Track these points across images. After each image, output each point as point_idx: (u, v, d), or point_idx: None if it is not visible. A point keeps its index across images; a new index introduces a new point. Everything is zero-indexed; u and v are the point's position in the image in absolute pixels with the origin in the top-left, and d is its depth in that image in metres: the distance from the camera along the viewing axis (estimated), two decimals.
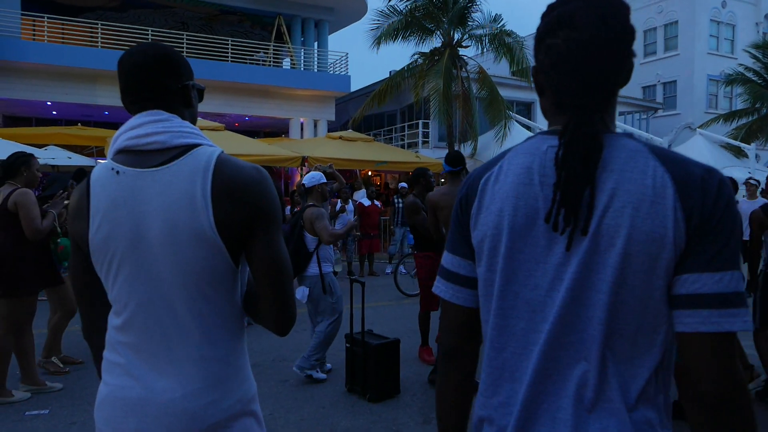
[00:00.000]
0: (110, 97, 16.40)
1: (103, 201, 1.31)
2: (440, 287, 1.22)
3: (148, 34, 17.19)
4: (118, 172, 1.32)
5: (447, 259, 1.21)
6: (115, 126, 18.30)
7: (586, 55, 1.00)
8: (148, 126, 1.33)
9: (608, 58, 1.01)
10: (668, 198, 0.93)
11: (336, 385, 4.72)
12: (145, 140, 1.32)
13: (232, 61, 18.22)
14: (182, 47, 17.45)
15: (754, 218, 4.43)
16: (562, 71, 1.03)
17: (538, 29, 1.08)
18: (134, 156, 1.33)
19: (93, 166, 14.03)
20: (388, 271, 11.28)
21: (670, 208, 0.93)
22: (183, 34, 17.72)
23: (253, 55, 19.77)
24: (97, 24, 16.84)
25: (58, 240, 5.14)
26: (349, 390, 4.47)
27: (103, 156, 13.51)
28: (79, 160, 12.02)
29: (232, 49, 18.30)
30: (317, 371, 4.77)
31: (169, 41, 17.34)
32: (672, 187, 0.94)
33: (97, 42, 16.75)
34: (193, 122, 1.45)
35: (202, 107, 17.39)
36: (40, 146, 11.67)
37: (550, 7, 1.09)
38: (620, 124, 19.49)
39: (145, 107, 1.37)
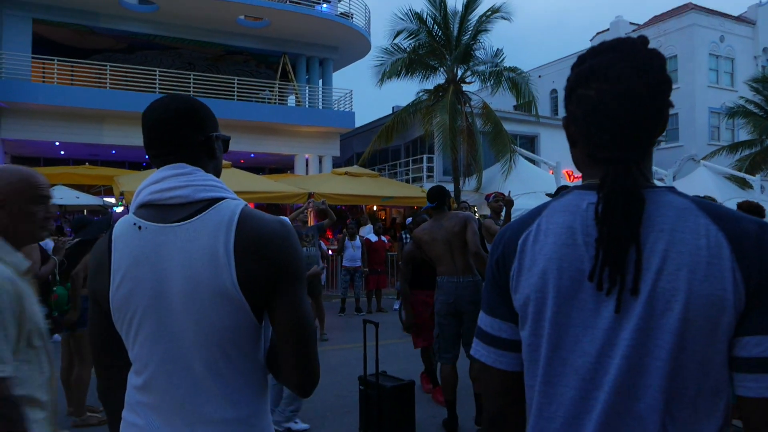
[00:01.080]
0: (117, 136, 16.55)
1: (125, 257, 1.28)
2: (481, 351, 1.15)
3: (155, 75, 17.45)
4: (140, 228, 1.29)
5: (486, 321, 1.15)
6: (121, 165, 18.51)
7: (621, 108, 0.98)
8: (171, 180, 1.30)
9: (644, 111, 0.98)
10: (725, 259, 0.90)
11: (351, 427, 4.59)
12: (167, 195, 1.29)
13: (238, 99, 18.46)
14: (189, 87, 17.69)
15: None
16: (596, 123, 1.01)
17: (569, 80, 1.07)
18: (157, 211, 1.30)
19: (101, 206, 14.14)
20: (396, 306, 11.15)
21: (728, 270, 0.89)
22: (190, 74, 17.99)
23: (258, 94, 20.03)
24: (105, 65, 17.13)
25: (54, 288, 4.99)
26: None
27: (111, 194, 13.55)
28: (86, 199, 12.07)
29: (238, 87, 18.55)
30: (296, 422, 4.54)
31: (176, 81, 17.61)
32: (728, 247, 0.90)
33: (105, 83, 17.00)
34: (218, 174, 1.42)
35: None
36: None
37: (581, 58, 1.08)
38: None
39: (168, 161, 1.35)
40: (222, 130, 1.47)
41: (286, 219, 1.38)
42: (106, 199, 13.58)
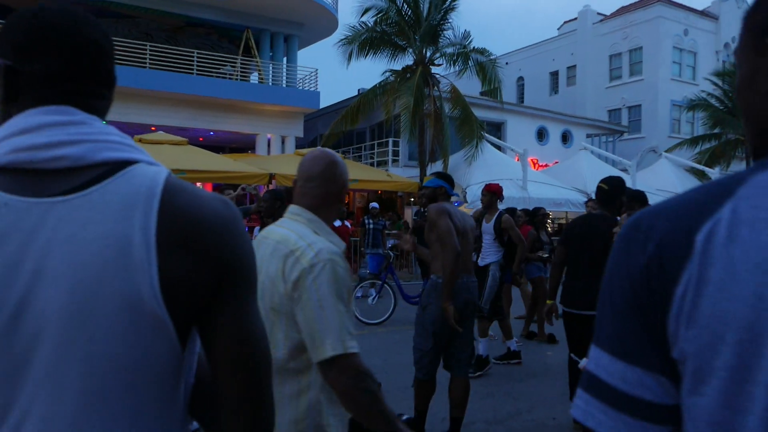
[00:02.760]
0: None
1: None
2: (600, 417, 0.72)
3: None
4: None
5: (611, 369, 0.72)
6: None
7: None
8: (52, 130, 0.84)
9: None
10: None
11: None
12: (47, 153, 0.83)
13: (197, 74, 17.67)
14: (145, 59, 16.82)
15: None
16: None
17: (757, 20, 0.71)
18: (25, 178, 0.83)
19: None
20: (359, 295, 10.84)
21: None
22: (146, 45, 17.10)
23: (219, 69, 19.24)
24: None
25: None
26: None
27: None
28: None
29: (198, 61, 17.75)
30: None
31: (131, 52, 16.71)
32: None
33: None
34: None
35: (164, 121, 16.83)
36: None
37: None
38: (587, 146, 19.66)
39: (48, 99, 0.87)
40: (180, 106, 1.04)
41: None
42: None
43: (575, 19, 31.10)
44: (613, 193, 4.22)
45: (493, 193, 6.23)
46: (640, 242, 0.70)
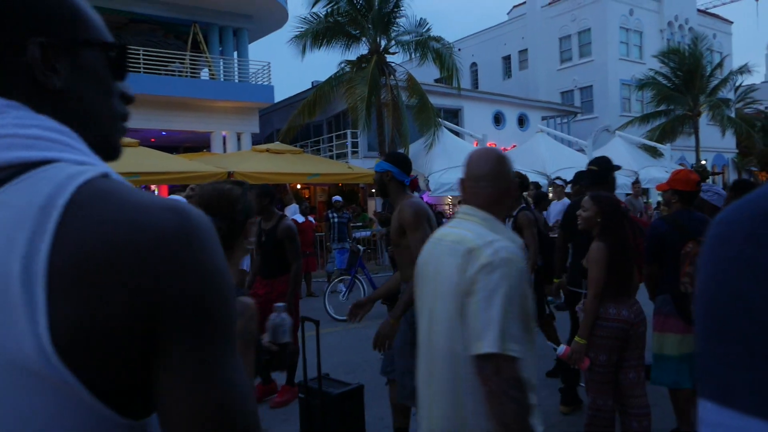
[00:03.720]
0: None
1: None
2: None
3: None
4: None
5: (735, 426, 0.48)
6: None
7: None
8: None
9: None
10: None
11: None
12: None
13: (144, 72, 17.03)
14: None
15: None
16: None
17: None
18: None
19: None
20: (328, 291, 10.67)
21: None
22: None
23: (168, 66, 18.61)
24: None
25: None
26: None
27: None
28: None
29: (144, 59, 17.11)
30: None
31: None
32: None
33: None
34: (80, 127, 0.72)
35: None
36: None
37: None
38: (543, 128, 19.89)
39: None
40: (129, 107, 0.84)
41: (183, 200, 0.71)
42: None
43: (524, 3, 31.38)
44: (603, 173, 4.29)
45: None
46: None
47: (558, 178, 9.70)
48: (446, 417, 1.67)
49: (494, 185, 1.72)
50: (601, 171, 4.29)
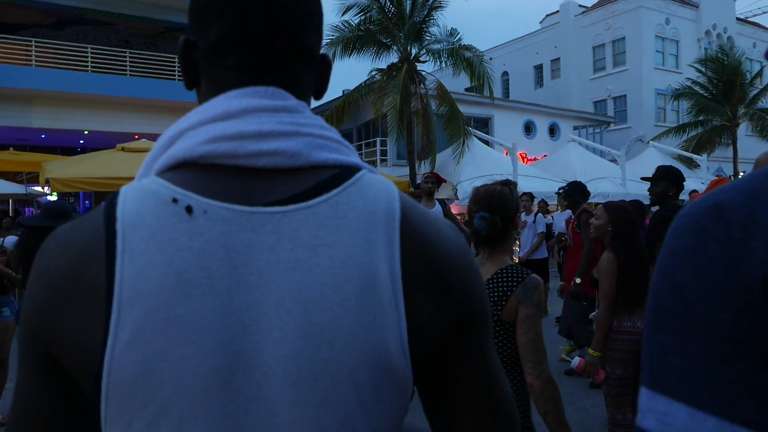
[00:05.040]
0: (46, 119, 15.30)
1: (153, 276, 0.57)
2: None
3: (87, 52, 16.20)
4: (190, 210, 0.59)
5: (694, 426, 0.47)
6: (53, 150, 17.14)
7: None
8: (262, 117, 0.64)
9: None
10: None
11: None
12: (256, 146, 0.62)
13: (179, 79, 17.37)
14: (125, 66, 16.51)
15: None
16: None
17: None
18: (225, 178, 0.62)
19: (26, 194, 12.84)
20: None
21: None
22: (126, 52, 16.80)
23: None
24: (30, 41, 15.75)
25: None
26: None
27: (35, 182, 12.38)
28: (6, 187, 11.00)
29: (179, 67, 17.45)
30: None
31: (110, 59, 16.40)
32: None
33: (31, 60, 15.64)
34: None
35: (147, 128, 16.52)
36: None
37: None
38: (575, 138, 19.62)
39: (259, 80, 0.68)
40: (163, 113, 0.84)
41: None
42: (31, 187, 12.41)
43: (557, 12, 31.07)
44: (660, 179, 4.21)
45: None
46: (737, 243, 0.47)
47: (562, 188, 9.55)
48: None
49: None
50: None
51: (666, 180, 4.13)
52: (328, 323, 0.58)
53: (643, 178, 4.40)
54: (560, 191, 8.99)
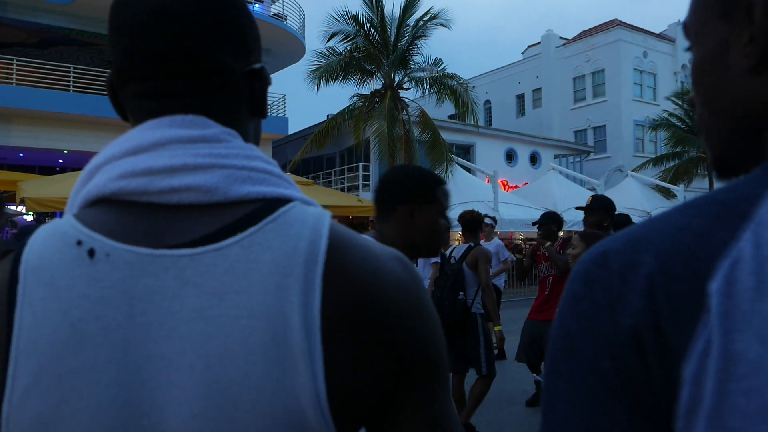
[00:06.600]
0: (25, 137, 15.15)
1: (49, 325, 0.54)
2: None
3: (69, 71, 16.14)
4: (92, 253, 0.56)
5: None
6: (31, 169, 16.93)
7: None
8: (176, 149, 0.59)
9: None
10: None
11: None
12: (168, 182, 0.58)
13: None
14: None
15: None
16: None
17: None
18: (134, 217, 0.59)
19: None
20: None
21: None
22: (109, 72, 16.75)
23: None
24: (12, 59, 15.67)
25: None
26: None
27: (12, 202, 12.20)
28: None
29: None
30: None
31: (94, 79, 16.34)
32: None
33: (12, 79, 15.54)
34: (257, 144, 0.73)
35: None
36: None
37: None
38: (555, 166, 19.88)
39: (173, 107, 0.63)
40: None
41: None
42: (9, 206, 12.22)
43: (539, 43, 31.75)
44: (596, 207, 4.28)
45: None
46: (615, 291, 0.46)
47: (487, 216, 9.53)
48: None
49: None
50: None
51: (601, 210, 4.16)
52: (233, 380, 0.53)
53: (578, 208, 4.47)
54: (487, 217, 9.06)
